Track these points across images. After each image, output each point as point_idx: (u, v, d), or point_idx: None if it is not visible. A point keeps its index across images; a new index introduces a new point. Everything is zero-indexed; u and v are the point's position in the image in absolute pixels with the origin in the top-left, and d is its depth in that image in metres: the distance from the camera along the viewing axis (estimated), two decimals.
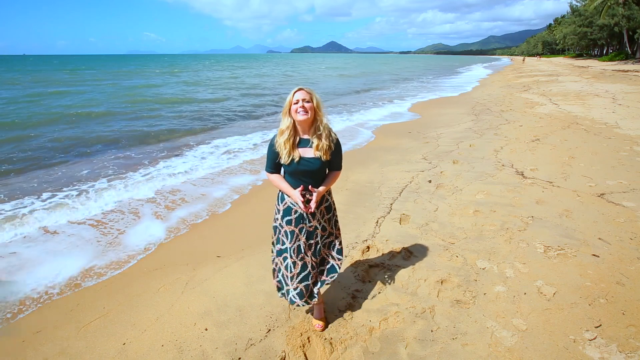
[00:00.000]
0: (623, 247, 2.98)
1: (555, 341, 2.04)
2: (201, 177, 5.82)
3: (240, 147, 7.82)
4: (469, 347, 2.05)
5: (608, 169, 4.97)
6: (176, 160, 6.84)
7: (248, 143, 8.15)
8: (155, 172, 6.01)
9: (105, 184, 5.47)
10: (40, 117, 11.43)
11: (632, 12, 35.88)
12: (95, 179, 5.71)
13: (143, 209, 4.55)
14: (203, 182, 5.56)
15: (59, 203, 4.70)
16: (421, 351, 2.05)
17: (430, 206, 4.07)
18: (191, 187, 5.34)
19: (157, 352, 2.17)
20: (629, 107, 9.89)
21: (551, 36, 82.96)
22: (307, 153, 2.01)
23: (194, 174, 5.92)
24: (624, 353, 1.93)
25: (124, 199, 4.86)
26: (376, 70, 40.36)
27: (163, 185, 5.41)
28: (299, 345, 2.15)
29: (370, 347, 2.11)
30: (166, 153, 7.37)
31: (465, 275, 2.71)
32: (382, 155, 6.63)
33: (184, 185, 5.42)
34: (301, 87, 2.00)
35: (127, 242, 3.75)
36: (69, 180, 5.67)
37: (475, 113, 10.87)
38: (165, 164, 6.50)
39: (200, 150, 7.58)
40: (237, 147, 7.75)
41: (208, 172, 6.04)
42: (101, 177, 5.77)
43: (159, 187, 5.33)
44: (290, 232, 2.10)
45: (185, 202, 4.80)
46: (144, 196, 4.97)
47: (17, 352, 2.29)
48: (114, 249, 3.61)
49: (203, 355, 2.13)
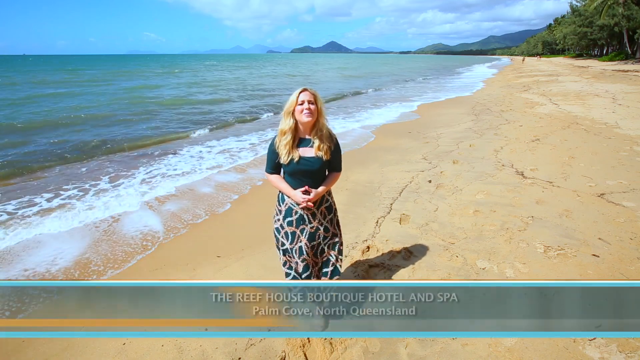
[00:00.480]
0: (623, 247, 2.98)
1: (555, 341, 2.04)
2: (201, 177, 5.83)
3: (239, 147, 7.83)
4: (469, 347, 2.05)
5: (608, 169, 4.97)
6: (176, 160, 6.85)
7: (245, 143, 8.17)
8: (155, 172, 6.03)
9: (105, 184, 5.47)
10: (39, 117, 11.41)
11: (632, 12, 35.90)
12: (94, 179, 5.72)
13: (144, 210, 4.55)
14: (203, 182, 5.57)
15: (61, 204, 4.71)
16: (421, 351, 2.06)
17: (430, 206, 4.07)
18: (192, 187, 5.35)
19: (157, 352, 2.17)
20: (629, 107, 9.89)
21: (551, 36, 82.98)
22: (307, 153, 2.01)
23: (194, 174, 5.93)
24: (624, 353, 1.93)
25: (122, 199, 4.87)
26: (383, 71, 39.17)
27: (164, 184, 5.42)
28: (299, 345, 2.15)
29: (370, 347, 2.11)
30: (165, 153, 7.37)
31: (465, 275, 2.71)
32: (382, 155, 6.63)
33: (184, 185, 5.42)
34: (305, 87, 1.98)
35: (127, 242, 3.75)
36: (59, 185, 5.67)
37: (475, 113, 10.87)
38: (165, 164, 6.51)
39: (197, 149, 7.60)
40: (236, 147, 7.77)
41: (208, 172, 6.04)
42: (102, 176, 5.78)
43: (160, 187, 5.34)
44: (292, 233, 2.10)
45: (184, 202, 4.80)
46: (144, 197, 4.98)
47: (17, 351, 2.29)
48: (112, 248, 3.61)
49: (203, 355, 2.13)
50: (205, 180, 5.64)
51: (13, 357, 2.25)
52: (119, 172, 6.08)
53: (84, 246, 3.65)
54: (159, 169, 6.21)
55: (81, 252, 3.54)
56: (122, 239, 3.80)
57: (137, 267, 3.29)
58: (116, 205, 4.66)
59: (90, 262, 3.36)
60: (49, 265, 3.30)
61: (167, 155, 7.23)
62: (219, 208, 4.60)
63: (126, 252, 3.55)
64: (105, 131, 9.67)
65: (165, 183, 5.50)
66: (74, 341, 2.32)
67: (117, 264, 3.33)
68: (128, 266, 3.30)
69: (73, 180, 5.68)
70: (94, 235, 3.89)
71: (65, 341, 2.33)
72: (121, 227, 4.06)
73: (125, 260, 3.39)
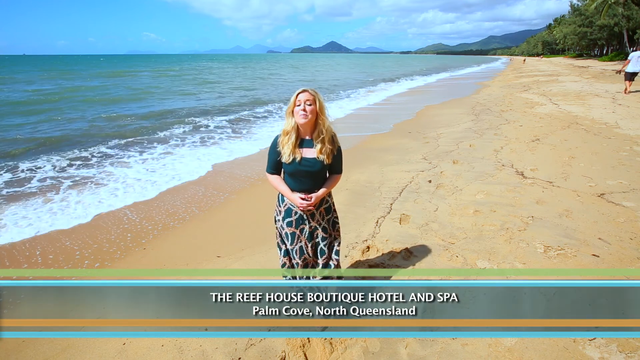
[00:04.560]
0: (623, 247, 2.98)
1: (555, 341, 2.04)
2: (200, 177, 5.83)
3: (242, 148, 7.84)
4: (469, 347, 2.05)
5: (608, 169, 4.98)
6: (176, 160, 6.85)
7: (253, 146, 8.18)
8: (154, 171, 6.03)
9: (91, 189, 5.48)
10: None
11: (632, 12, 35.89)
12: (77, 180, 5.72)
13: (144, 211, 4.55)
14: (202, 183, 5.57)
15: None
16: (421, 351, 2.06)
17: (430, 206, 4.07)
18: (191, 187, 5.35)
19: (157, 352, 2.17)
20: (629, 107, 9.89)
21: (551, 36, 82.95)
22: (308, 154, 2.01)
23: (194, 175, 5.94)
24: (624, 353, 1.93)
25: (114, 205, 4.87)
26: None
27: (163, 186, 5.42)
28: (299, 345, 2.15)
29: (370, 347, 2.11)
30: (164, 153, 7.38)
31: (465, 275, 2.71)
32: (382, 155, 6.63)
33: (184, 185, 5.42)
34: (306, 88, 1.98)
35: (126, 242, 3.75)
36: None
37: (475, 113, 10.87)
38: (164, 164, 6.51)
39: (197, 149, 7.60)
40: (239, 148, 7.79)
41: (207, 173, 6.05)
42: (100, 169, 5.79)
43: (159, 188, 5.34)
44: (291, 234, 2.10)
45: (184, 201, 4.80)
46: (144, 197, 4.98)
47: (17, 351, 2.29)
48: (110, 248, 3.61)
49: (203, 355, 2.13)
50: (205, 180, 5.64)
51: (13, 357, 2.26)
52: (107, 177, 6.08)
53: (81, 246, 3.65)
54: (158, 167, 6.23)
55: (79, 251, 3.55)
56: (120, 239, 3.80)
57: (137, 267, 3.29)
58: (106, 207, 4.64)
59: (89, 261, 3.36)
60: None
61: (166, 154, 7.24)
62: (219, 208, 4.60)
63: (125, 252, 3.54)
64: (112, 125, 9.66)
65: (166, 183, 5.50)
66: (74, 341, 2.32)
67: (115, 264, 3.33)
68: (127, 266, 3.30)
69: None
70: (91, 235, 3.88)
71: (65, 341, 2.33)
72: (119, 228, 4.06)
73: (124, 260, 3.39)
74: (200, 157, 6.97)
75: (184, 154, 7.29)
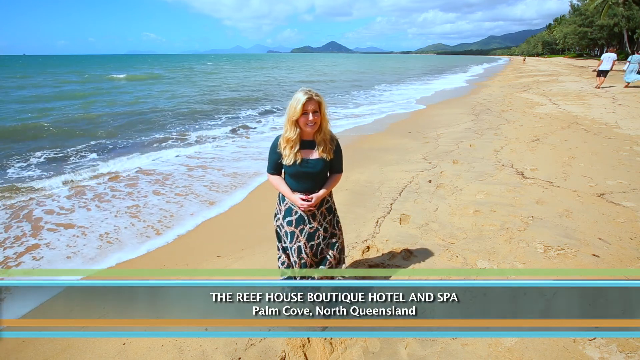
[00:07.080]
0: (623, 247, 2.98)
1: (555, 341, 2.04)
2: (200, 176, 5.83)
3: (243, 145, 7.85)
4: (469, 347, 2.05)
5: (608, 169, 4.97)
6: (176, 161, 6.86)
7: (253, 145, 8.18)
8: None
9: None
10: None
11: (632, 12, 35.88)
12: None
13: (144, 212, 4.56)
14: (203, 182, 5.57)
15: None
16: (421, 351, 2.06)
17: (430, 206, 4.07)
18: (191, 187, 5.35)
19: (157, 352, 2.17)
20: (629, 107, 9.89)
21: (551, 36, 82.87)
22: (310, 155, 2.01)
23: (195, 174, 5.94)
24: (624, 353, 1.93)
25: (109, 208, 4.87)
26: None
27: (163, 184, 5.42)
28: (299, 345, 2.15)
29: (370, 347, 2.11)
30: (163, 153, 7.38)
31: (465, 275, 2.71)
32: (382, 155, 6.63)
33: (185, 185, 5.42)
34: (309, 94, 1.90)
35: (125, 242, 3.76)
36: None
37: (475, 113, 10.87)
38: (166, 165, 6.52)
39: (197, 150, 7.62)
40: (240, 148, 7.79)
41: (207, 172, 6.05)
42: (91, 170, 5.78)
43: (160, 186, 5.34)
44: (291, 233, 2.10)
45: (184, 202, 4.80)
46: (144, 198, 4.98)
47: (17, 351, 2.29)
48: (111, 248, 3.62)
49: (203, 355, 2.13)
50: (205, 180, 5.64)
51: (13, 357, 2.25)
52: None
53: (80, 247, 3.65)
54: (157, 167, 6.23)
55: (80, 251, 3.54)
56: (119, 239, 3.80)
57: (136, 267, 3.29)
58: (105, 210, 4.65)
59: (89, 261, 3.36)
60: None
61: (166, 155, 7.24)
62: (219, 208, 4.60)
63: (124, 252, 3.54)
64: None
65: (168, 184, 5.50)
66: (74, 341, 2.32)
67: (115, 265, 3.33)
68: (127, 266, 3.30)
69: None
70: (90, 236, 3.88)
71: (65, 341, 2.33)
72: (118, 229, 4.06)
73: (123, 260, 3.39)
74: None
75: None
